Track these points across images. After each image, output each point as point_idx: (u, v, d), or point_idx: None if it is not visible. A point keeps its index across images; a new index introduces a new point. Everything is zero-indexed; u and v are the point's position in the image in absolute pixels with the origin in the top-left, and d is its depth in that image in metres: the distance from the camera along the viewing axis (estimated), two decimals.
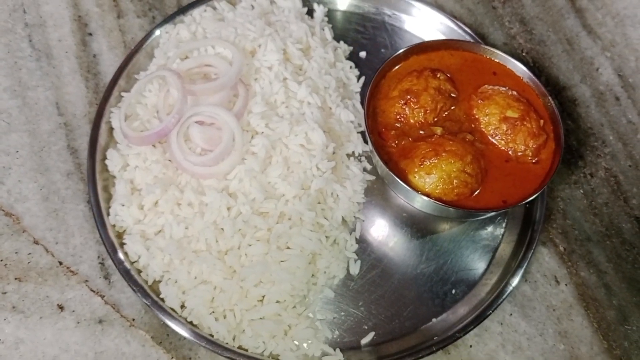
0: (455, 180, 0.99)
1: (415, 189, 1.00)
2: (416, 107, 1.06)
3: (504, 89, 1.09)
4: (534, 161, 1.05)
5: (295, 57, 1.14)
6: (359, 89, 1.21)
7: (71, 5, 1.28)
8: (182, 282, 0.98)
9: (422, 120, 1.07)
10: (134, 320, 1.02)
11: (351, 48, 1.26)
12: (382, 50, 1.27)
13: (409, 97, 1.06)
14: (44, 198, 1.10)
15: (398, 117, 1.07)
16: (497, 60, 1.13)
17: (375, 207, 1.12)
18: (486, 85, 1.10)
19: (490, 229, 1.11)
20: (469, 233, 1.10)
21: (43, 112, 1.17)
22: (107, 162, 1.07)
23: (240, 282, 0.98)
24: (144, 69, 1.17)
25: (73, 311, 1.01)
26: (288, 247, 1.01)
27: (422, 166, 1.00)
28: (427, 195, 0.99)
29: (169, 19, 1.20)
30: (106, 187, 1.06)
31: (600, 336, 1.05)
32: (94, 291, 1.03)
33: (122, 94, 1.13)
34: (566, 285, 1.09)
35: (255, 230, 1.00)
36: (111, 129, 1.11)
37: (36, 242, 1.06)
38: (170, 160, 1.05)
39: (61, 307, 1.02)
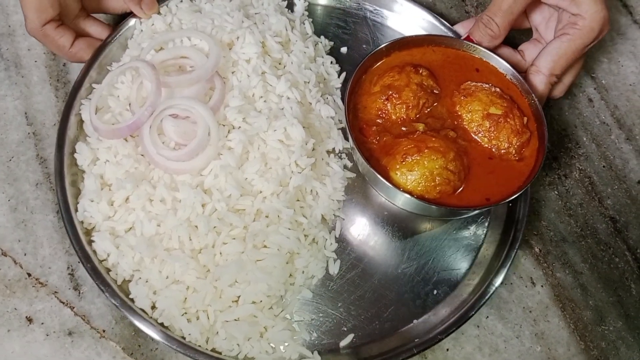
0: (437, 178, 0.96)
1: (397, 186, 0.97)
2: (398, 103, 1.04)
3: (487, 85, 1.07)
4: (517, 159, 1.03)
5: (275, 51, 1.11)
6: (340, 85, 1.18)
7: None
8: (153, 281, 0.94)
9: (404, 117, 1.04)
10: (104, 331, 0.98)
11: (332, 43, 1.23)
12: (364, 46, 1.24)
13: (390, 92, 1.04)
14: (12, 209, 1.06)
15: (379, 113, 1.05)
16: (479, 57, 1.11)
17: (355, 205, 1.08)
18: (469, 82, 1.08)
19: (472, 228, 1.08)
20: (451, 232, 1.08)
21: (11, 121, 1.13)
22: (76, 155, 1.02)
23: (214, 282, 0.94)
24: (116, 61, 1.12)
25: (42, 323, 0.98)
26: (265, 246, 0.97)
27: (403, 163, 0.97)
28: (409, 193, 0.96)
29: None
30: (74, 182, 1.02)
31: (577, 337, 1.04)
32: (63, 302, 0.99)
33: (93, 85, 1.08)
34: (542, 286, 1.07)
35: (230, 228, 0.96)
36: (81, 121, 1.05)
37: (4, 254, 1.02)
38: (142, 155, 1.00)
39: (30, 320, 0.98)
